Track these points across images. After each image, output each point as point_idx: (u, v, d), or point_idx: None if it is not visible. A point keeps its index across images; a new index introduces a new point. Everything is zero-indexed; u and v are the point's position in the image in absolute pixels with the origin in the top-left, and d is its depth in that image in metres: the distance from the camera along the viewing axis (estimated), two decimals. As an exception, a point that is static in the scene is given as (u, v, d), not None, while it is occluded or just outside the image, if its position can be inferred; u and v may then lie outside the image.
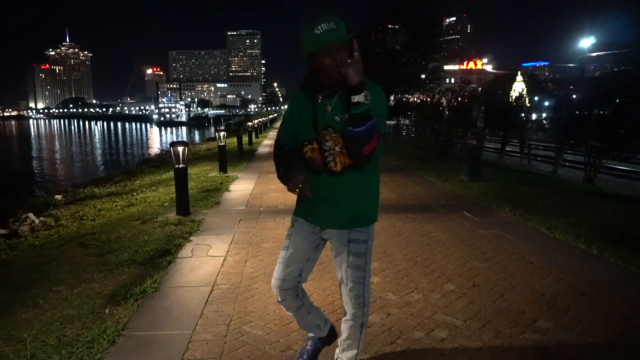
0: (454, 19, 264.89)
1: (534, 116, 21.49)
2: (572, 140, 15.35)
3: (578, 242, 4.85)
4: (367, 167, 1.99)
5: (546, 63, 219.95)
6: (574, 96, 19.66)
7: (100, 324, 2.98)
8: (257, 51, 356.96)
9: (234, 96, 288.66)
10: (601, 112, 14.58)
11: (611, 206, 7.53)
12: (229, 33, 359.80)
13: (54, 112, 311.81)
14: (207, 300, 3.41)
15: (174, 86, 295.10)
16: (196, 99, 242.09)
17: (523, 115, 19.52)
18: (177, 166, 6.25)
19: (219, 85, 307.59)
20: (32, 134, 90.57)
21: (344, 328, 2.23)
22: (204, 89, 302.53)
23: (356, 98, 1.76)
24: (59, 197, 10.21)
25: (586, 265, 4.17)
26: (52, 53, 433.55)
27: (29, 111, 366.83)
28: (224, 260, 4.39)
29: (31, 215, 7.50)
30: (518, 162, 18.94)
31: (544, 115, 20.17)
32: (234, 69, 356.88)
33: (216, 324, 3.03)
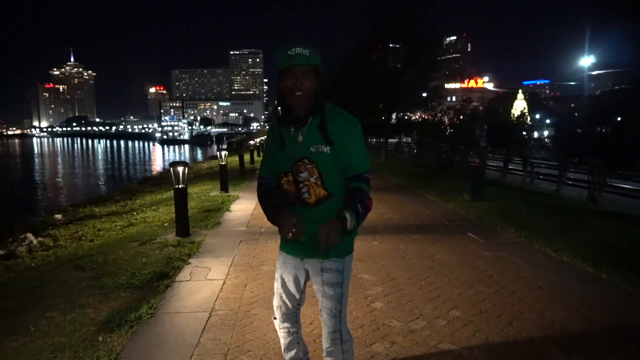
0: (454, 37, 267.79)
1: (535, 134, 21.45)
2: (574, 158, 15.27)
3: (586, 265, 4.73)
4: (340, 200, 1.97)
5: (547, 81, 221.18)
6: (575, 114, 19.64)
7: (92, 353, 2.86)
8: (259, 70, 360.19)
9: (237, 114, 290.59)
10: (603, 130, 14.53)
11: (617, 226, 7.41)
12: (231, 52, 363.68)
13: (58, 130, 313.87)
14: (204, 328, 3.29)
15: (177, 104, 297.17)
16: (199, 117, 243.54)
17: (525, 133, 19.49)
18: (176, 186, 6.18)
19: (221, 103, 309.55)
20: (35, 152, 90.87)
21: None
22: (207, 107, 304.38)
23: (349, 231, 1.83)
24: (58, 216, 10.12)
25: (596, 290, 4.04)
26: (57, 72, 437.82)
27: (33, 129, 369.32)
28: (223, 284, 4.28)
29: (30, 235, 7.40)
30: (521, 180, 18.82)
31: (546, 133, 20.14)
32: (236, 87, 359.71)
33: (213, 353, 2.91)
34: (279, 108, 2.02)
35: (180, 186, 6.16)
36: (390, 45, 21.38)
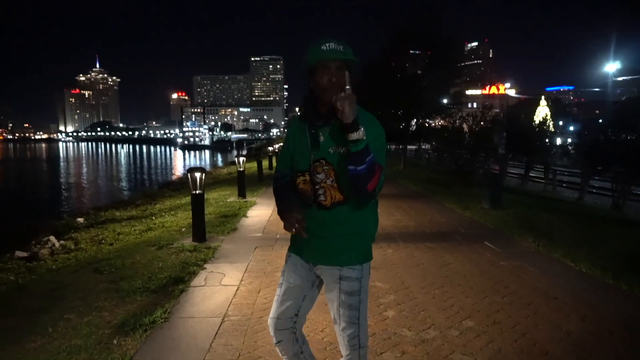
0: (475, 43, 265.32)
1: (558, 141, 21.08)
2: (598, 165, 14.97)
3: (605, 275, 4.63)
4: (365, 204, 1.92)
5: (571, 87, 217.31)
6: (600, 120, 19.28)
7: (107, 356, 2.92)
8: (279, 76, 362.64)
9: (257, 120, 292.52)
10: (628, 137, 14.22)
11: (641, 236, 7.22)
12: (252, 59, 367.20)
13: (83, 135, 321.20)
14: (216, 333, 3.33)
15: (198, 110, 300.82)
16: (219, 123, 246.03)
17: (547, 140, 19.17)
18: (194, 192, 6.26)
19: (242, 109, 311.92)
20: (61, 156, 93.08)
21: None
22: (227, 113, 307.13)
23: (353, 136, 1.71)
24: (80, 219, 10.34)
25: (614, 302, 3.95)
26: (82, 78, 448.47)
27: (59, 134, 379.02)
28: (237, 289, 4.31)
29: (52, 238, 7.58)
30: (542, 188, 18.50)
31: (569, 140, 19.80)
32: (256, 93, 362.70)
33: (224, 358, 2.94)
34: (303, 107, 1.98)
35: (197, 192, 6.24)
36: (411, 51, 21.36)
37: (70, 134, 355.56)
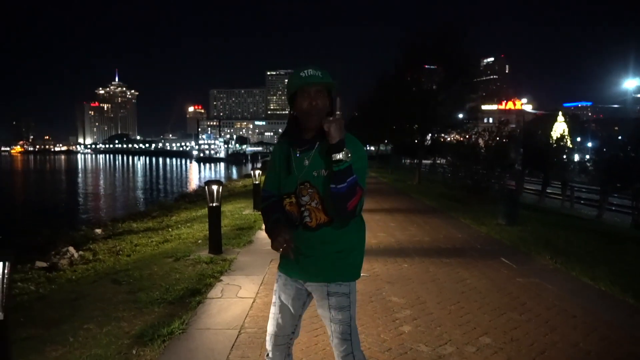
0: (491, 59, 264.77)
1: (576, 157, 20.85)
2: (617, 183, 14.76)
3: (625, 294, 4.55)
4: (347, 224, 1.97)
5: (589, 103, 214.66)
6: (619, 137, 19.06)
7: (126, 366, 2.97)
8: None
9: (272, 133, 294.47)
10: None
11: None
12: (268, 72, 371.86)
13: (101, 147, 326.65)
14: (233, 345, 3.36)
15: (214, 123, 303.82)
16: (235, 136, 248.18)
17: (565, 156, 18.97)
18: (211, 204, 6.34)
19: (257, 122, 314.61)
20: (79, 168, 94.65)
21: None
22: (243, 126, 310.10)
23: (338, 156, 1.79)
24: (98, 231, 10.51)
25: (635, 321, 3.89)
26: (102, 92, 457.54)
27: (78, 146, 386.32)
28: (253, 302, 4.35)
29: (71, 248, 7.72)
30: (560, 205, 18.25)
31: (587, 156, 19.57)
32: (272, 107, 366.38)
33: (240, 370, 2.96)
34: (287, 132, 2.04)
35: (214, 204, 6.32)
36: (427, 66, 21.39)
37: (88, 146, 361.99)
